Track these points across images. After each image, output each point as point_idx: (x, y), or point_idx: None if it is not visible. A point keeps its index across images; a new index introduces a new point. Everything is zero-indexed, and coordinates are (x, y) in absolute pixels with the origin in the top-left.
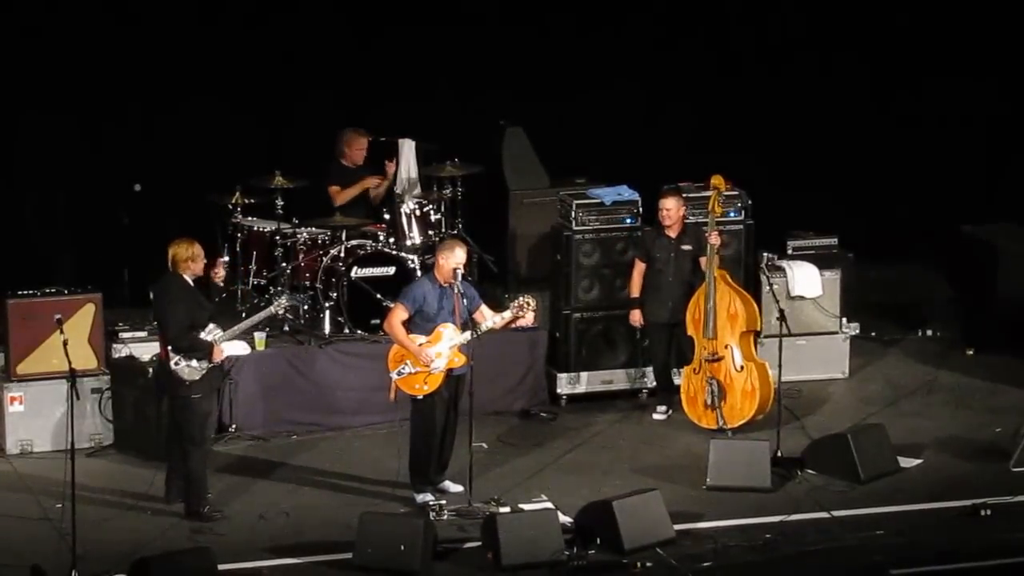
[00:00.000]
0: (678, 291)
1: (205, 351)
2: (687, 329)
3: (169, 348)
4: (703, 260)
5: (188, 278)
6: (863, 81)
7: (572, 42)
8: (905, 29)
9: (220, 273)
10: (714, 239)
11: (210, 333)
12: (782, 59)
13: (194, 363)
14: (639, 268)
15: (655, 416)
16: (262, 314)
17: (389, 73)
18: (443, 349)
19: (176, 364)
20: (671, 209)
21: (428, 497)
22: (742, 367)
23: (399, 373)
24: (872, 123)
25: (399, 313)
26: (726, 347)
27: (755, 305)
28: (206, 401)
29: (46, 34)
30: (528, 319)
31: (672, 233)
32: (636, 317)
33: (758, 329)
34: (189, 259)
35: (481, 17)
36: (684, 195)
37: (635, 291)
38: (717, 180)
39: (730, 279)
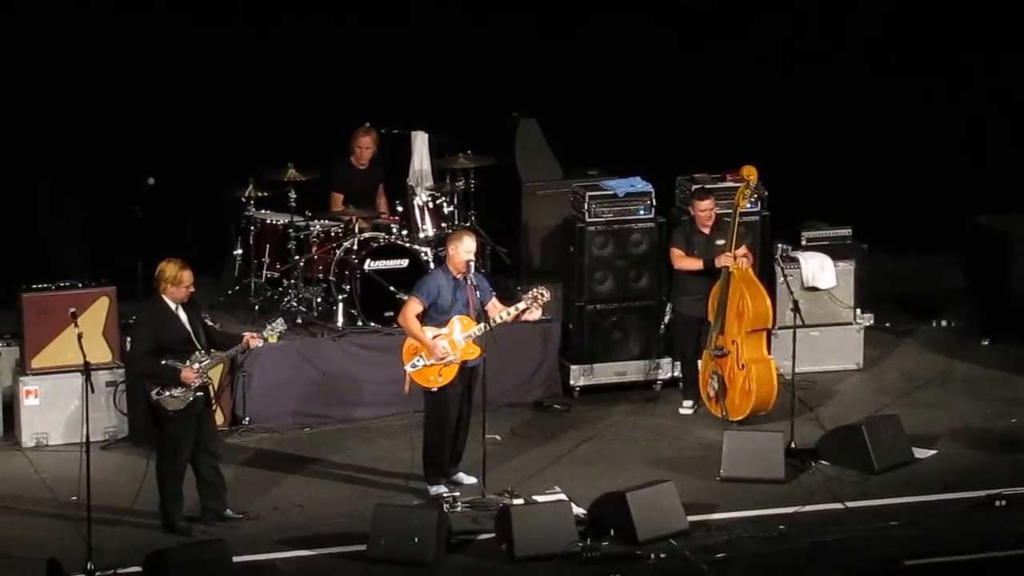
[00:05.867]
0: (709, 287)
1: (167, 377)
2: (707, 314)
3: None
4: (722, 258)
5: (169, 300)
6: (876, 71)
7: (586, 33)
8: (916, 20)
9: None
10: (724, 260)
11: (195, 361)
12: (795, 50)
13: (176, 392)
14: (681, 254)
15: (682, 411)
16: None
17: (402, 65)
18: (457, 341)
19: (157, 395)
20: (710, 210)
21: (442, 489)
22: (744, 366)
23: (414, 366)
24: (886, 113)
25: (413, 306)
26: (732, 343)
27: (768, 304)
28: (180, 426)
29: (59, 27)
30: (535, 313)
31: (706, 230)
32: (724, 259)
33: (769, 328)
34: (170, 281)
35: (493, 8)
36: (701, 186)
37: (697, 264)
38: (748, 171)
39: (750, 274)
